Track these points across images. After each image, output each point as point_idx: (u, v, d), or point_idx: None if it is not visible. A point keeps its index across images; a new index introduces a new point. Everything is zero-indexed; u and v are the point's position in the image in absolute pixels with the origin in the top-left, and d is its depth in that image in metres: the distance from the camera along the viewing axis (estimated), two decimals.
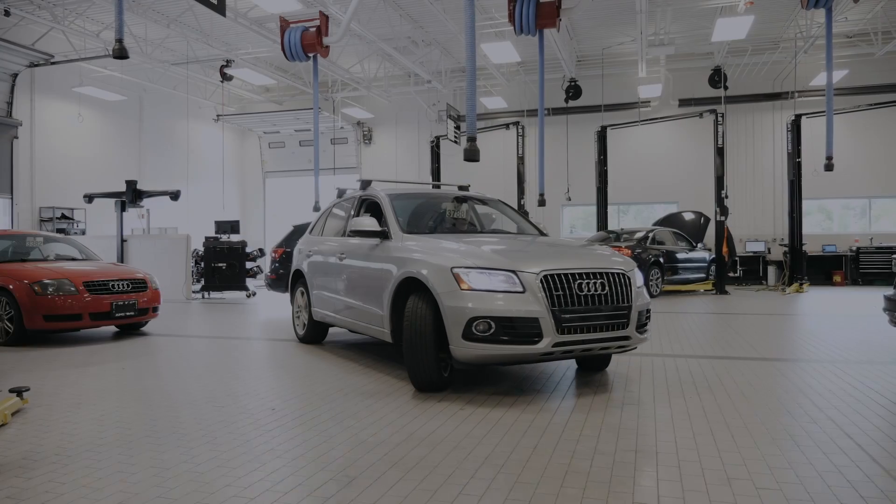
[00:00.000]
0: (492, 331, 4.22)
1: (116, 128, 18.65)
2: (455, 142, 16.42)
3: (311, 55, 13.07)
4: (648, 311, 4.85)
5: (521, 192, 17.75)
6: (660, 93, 20.51)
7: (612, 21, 16.83)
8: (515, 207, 5.79)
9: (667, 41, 16.58)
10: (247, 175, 25.33)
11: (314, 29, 12.78)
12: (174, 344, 7.56)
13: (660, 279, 14.75)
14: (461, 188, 6.95)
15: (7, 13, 13.01)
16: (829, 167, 11.90)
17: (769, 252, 19.92)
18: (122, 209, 14.55)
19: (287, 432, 3.77)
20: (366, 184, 6.57)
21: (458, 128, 16.49)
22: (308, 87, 20.80)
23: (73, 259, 8.82)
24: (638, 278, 4.80)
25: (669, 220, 18.30)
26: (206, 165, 22.22)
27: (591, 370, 5.51)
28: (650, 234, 15.63)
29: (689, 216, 18.35)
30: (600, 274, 4.47)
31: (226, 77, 17.92)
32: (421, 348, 4.53)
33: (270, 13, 13.82)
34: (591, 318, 4.35)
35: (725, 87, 19.15)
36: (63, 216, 16.59)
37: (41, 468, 3.19)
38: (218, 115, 21.89)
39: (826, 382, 5.07)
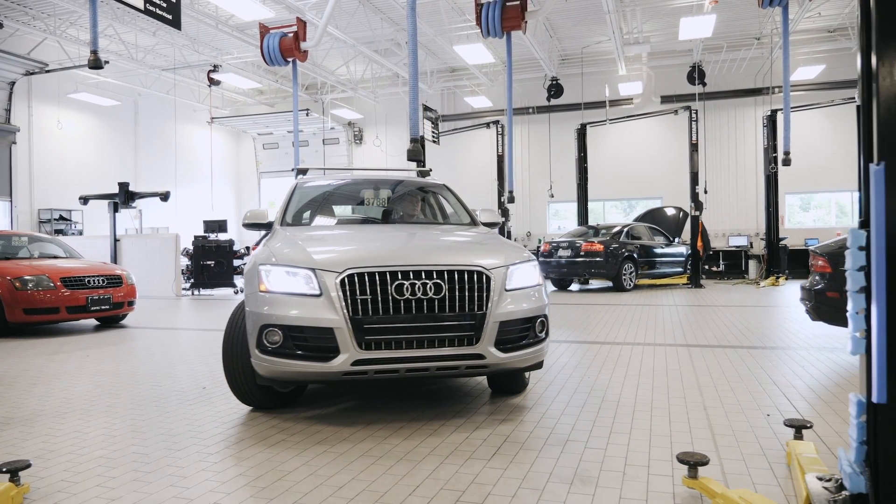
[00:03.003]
0: (282, 342, 3.51)
1: (112, 132, 19.33)
2: (434, 141, 16.90)
3: (289, 60, 13.65)
4: (532, 321, 3.78)
5: (501, 189, 18.18)
6: (641, 90, 20.87)
7: (588, 20, 17.25)
8: (458, 196, 5.58)
9: (641, 39, 16.96)
10: (242, 176, 25.97)
11: (292, 34, 13.34)
12: (147, 335, 8.14)
13: (633, 273, 15.16)
14: (421, 174, 6.14)
15: (0, 25, 13.67)
16: (786, 162, 12.31)
17: (751, 246, 20.26)
18: (115, 210, 15.18)
19: (208, 406, 4.31)
20: (301, 172, 5.99)
21: (435, 127, 16.97)
22: (300, 90, 21.39)
23: (56, 257, 9.42)
24: (518, 276, 3.84)
25: (650, 216, 18.68)
26: (200, 167, 22.88)
27: (504, 393, 4.48)
28: (625, 230, 16.04)
29: (669, 211, 18.73)
30: (434, 273, 3.52)
31: (213, 82, 18.52)
32: (233, 360, 3.92)
33: (253, 20, 14.35)
34: (412, 330, 3.44)
35: (704, 84, 19.49)
36: (61, 217, 17.28)
37: None
38: (212, 118, 22.51)
39: (728, 365, 5.54)
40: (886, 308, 1.84)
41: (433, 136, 16.77)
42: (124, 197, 15.31)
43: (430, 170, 6.30)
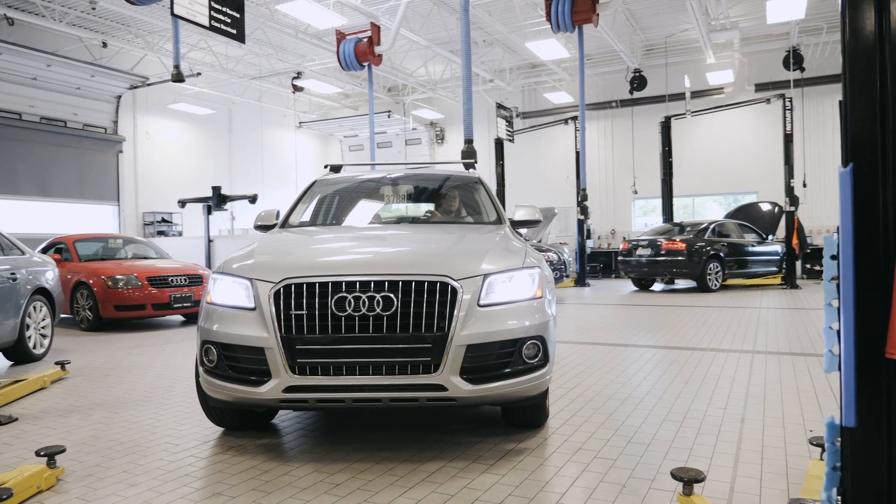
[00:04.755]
0: (217, 362, 3.16)
1: (208, 139, 20.62)
2: (509, 140, 16.80)
3: (364, 64, 14.04)
4: (516, 344, 3.06)
5: (579, 186, 17.81)
6: (733, 78, 19.74)
7: (672, 8, 16.52)
8: (490, 191, 4.80)
9: (728, 25, 16.05)
10: None
11: (366, 39, 13.71)
12: None
13: (720, 273, 14.41)
14: (467, 166, 5.48)
15: (104, 45, 14.94)
16: None
17: None
18: (209, 213, 16.22)
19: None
20: (334, 169, 5.44)
21: (510, 126, 16.85)
22: (382, 92, 21.92)
23: (147, 258, 10.19)
24: (502, 288, 3.14)
25: (744, 211, 17.67)
26: (288, 170, 23.95)
27: (519, 426, 3.69)
28: (712, 227, 15.26)
29: (764, 206, 17.63)
30: (386, 284, 2.95)
31: (297, 88, 19.32)
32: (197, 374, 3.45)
33: (329, 28, 14.85)
34: (353, 353, 2.91)
35: (802, 69, 18.17)
36: (163, 220, 18.65)
37: (46, 418, 4.15)
38: (300, 123, 23.50)
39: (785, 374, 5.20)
40: (854, 322, 1.69)
41: (507, 135, 16.67)
42: (217, 200, 16.35)
43: (474, 162, 5.81)
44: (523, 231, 14.25)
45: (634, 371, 5.29)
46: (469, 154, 7.17)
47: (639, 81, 19.75)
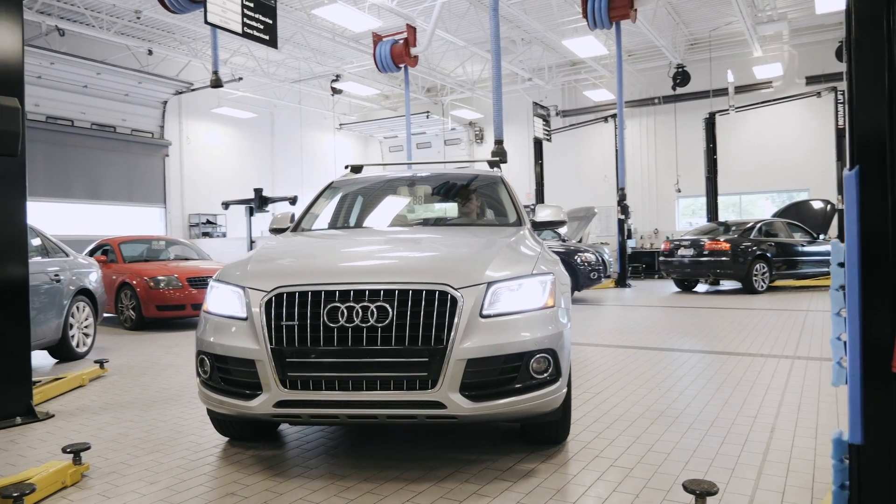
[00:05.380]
0: (210, 373, 3.07)
1: (251, 142, 21.09)
2: (546, 139, 16.63)
3: (401, 65, 14.12)
4: (524, 358, 2.84)
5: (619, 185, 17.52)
6: (782, 71, 19.09)
7: (715, 0, 16.08)
8: (511, 191, 4.57)
9: (776, 17, 15.52)
10: None
11: (402, 41, 13.78)
12: None
13: (766, 274, 13.94)
14: (492, 165, 5.29)
15: (150, 52, 15.44)
16: None
17: None
18: (251, 214, 16.59)
19: None
20: (355, 169, 5.26)
21: (547, 125, 16.68)
22: (421, 92, 22.01)
23: (188, 259, 10.48)
24: (508, 297, 2.92)
25: (794, 210, 17.08)
26: (328, 171, 24.28)
27: (537, 442, 3.44)
28: (758, 226, 14.78)
29: (816, 205, 17.00)
30: (382, 293, 2.78)
31: (336, 91, 19.58)
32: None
33: (365, 31, 14.99)
34: (345, 367, 2.75)
35: None
36: (208, 221, 19.16)
37: (81, 415, 4.30)
38: (340, 124, 23.80)
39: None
40: (860, 334, 1.60)
41: (545, 134, 16.51)
42: (259, 202, 16.73)
43: (500, 160, 5.57)
44: (563, 230, 13.92)
45: (665, 376, 5.16)
46: (499, 154, 7.13)
47: (682, 77, 19.30)
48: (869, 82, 1.62)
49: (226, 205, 17.45)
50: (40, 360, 6.52)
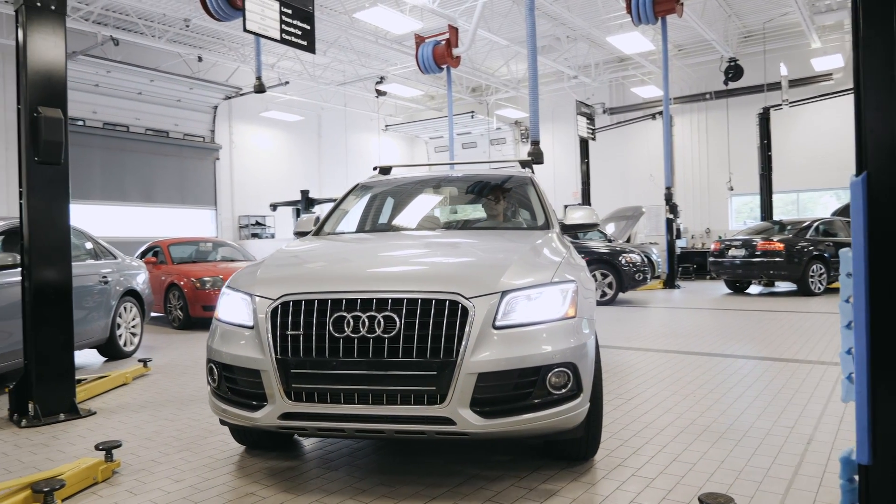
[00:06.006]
0: (218, 382, 3.01)
1: (299, 144, 21.51)
2: (591, 138, 16.37)
3: (443, 66, 14.14)
4: (540, 372, 2.67)
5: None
6: (842, 63, 18.24)
7: None
8: (540, 192, 4.43)
9: (835, 6, 14.85)
10: None
11: (444, 42, 13.80)
12: None
13: (824, 276, 13.36)
14: (524, 165, 5.19)
15: (199, 59, 15.93)
16: None
17: None
18: (298, 215, 16.95)
19: None
20: (384, 171, 5.16)
21: (591, 123, 16.42)
22: (466, 92, 22.00)
23: (234, 260, 10.76)
24: (525, 306, 2.75)
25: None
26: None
27: (562, 459, 3.26)
28: (815, 225, 14.18)
29: None
30: (389, 302, 2.66)
31: (380, 93, 19.76)
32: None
33: (407, 32, 15.07)
34: (351, 380, 2.65)
35: None
36: (257, 223, 19.64)
37: (121, 413, 4.47)
38: (386, 126, 24.02)
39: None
40: (868, 348, 1.52)
41: (589, 133, 16.26)
42: (305, 203, 17.09)
43: (531, 161, 5.42)
44: (611, 230, 13.62)
45: (702, 382, 5.01)
46: (534, 155, 7.05)
47: (734, 71, 18.66)
48: (877, 83, 1.54)
49: (273, 206, 17.92)
50: (89, 358, 6.83)
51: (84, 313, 5.95)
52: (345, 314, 2.66)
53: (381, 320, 2.62)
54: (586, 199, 17.74)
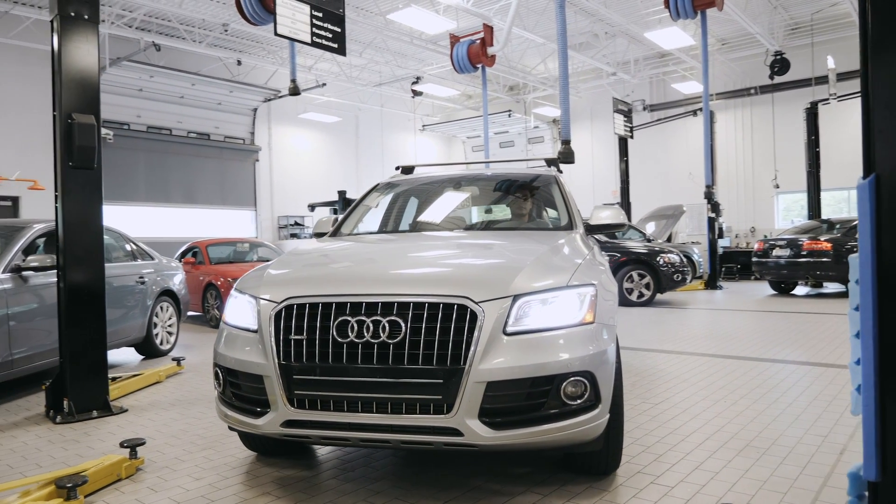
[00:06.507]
0: (223, 387, 2.94)
1: (337, 145, 21.78)
2: (628, 136, 16.09)
3: (478, 66, 14.09)
4: (554, 381, 2.52)
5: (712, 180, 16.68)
6: None
7: None
8: (564, 191, 4.26)
9: None
10: None
11: (479, 41, 13.75)
12: None
13: None
14: (550, 164, 4.94)
15: (239, 62, 16.28)
16: None
17: None
18: (335, 215, 17.17)
19: None
20: (406, 170, 5.04)
21: (628, 121, 16.13)
22: (503, 91, 21.91)
23: (269, 260, 10.94)
24: (539, 311, 2.61)
25: None
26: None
27: (582, 472, 3.09)
28: None
29: None
30: (395, 306, 2.55)
31: (416, 93, 19.82)
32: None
33: (441, 32, 15.07)
34: (357, 387, 2.54)
35: None
36: (295, 223, 19.95)
37: (151, 410, 4.59)
38: (423, 126, 24.10)
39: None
40: (875, 358, 1.44)
41: (626, 130, 15.98)
42: (342, 204, 17.29)
43: (563, 160, 5.42)
44: (650, 229, 13.31)
45: (735, 387, 4.85)
46: (565, 154, 6.97)
47: (780, 65, 18.05)
48: (887, 80, 1.46)
49: (312, 207, 18.14)
50: (127, 356, 7.04)
51: (121, 313, 6.13)
52: (349, 318, 2.55)
53: (387, 325, 2.50)
54: (625, 198, 17.44)
